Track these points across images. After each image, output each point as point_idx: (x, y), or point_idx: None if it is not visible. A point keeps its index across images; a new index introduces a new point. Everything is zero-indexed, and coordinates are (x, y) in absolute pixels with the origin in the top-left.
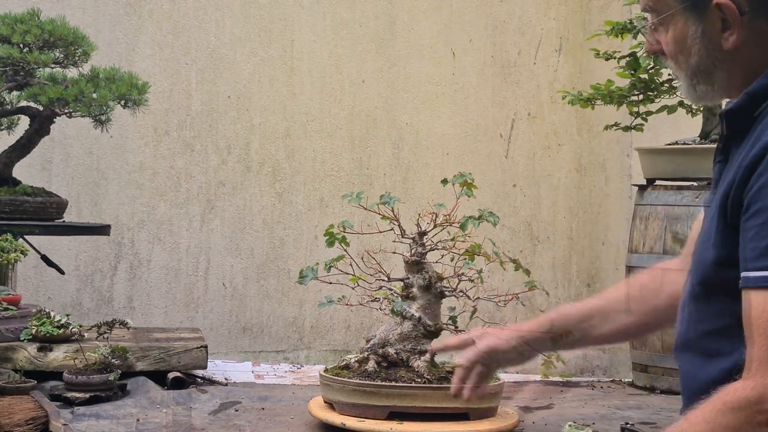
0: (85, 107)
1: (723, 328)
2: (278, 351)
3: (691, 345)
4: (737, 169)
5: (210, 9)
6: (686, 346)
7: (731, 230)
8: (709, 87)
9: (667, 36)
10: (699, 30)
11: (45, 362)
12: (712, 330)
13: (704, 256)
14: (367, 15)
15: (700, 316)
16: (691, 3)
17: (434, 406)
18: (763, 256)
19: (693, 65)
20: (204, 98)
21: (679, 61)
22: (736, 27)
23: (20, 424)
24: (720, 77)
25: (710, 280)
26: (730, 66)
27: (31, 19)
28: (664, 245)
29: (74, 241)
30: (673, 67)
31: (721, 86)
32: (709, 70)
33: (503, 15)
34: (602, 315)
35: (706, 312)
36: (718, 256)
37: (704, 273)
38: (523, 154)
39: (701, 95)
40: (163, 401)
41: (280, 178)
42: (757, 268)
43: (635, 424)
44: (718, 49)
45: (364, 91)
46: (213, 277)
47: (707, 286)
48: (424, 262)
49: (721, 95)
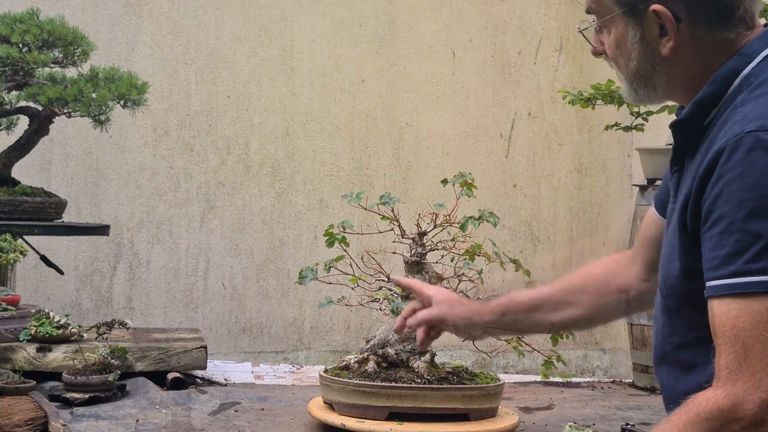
0: (85, 107)
1: (695, 339)
2: (278, 351)
3: (667, 357)
4: (692, 180)
5: (209, 9)
6: (662, 359)
7: (692, 242)
8: (649, 90)
9: (609, 39)
10: (638, 35)
11: (44, 363)
12: (684, 342)
13: (669, 268)
14: (367, 15)
15: (673, 329)
16: (629, 8)
17: (434, 407)
18: (724, 265)
19: (632, 69)
20: (203, 98)
21: (619, 64)
22: (672, 33)
23: (19, 425)
24: (660, 81)
25: (677, 292)
26: (670, 71)
27: (30, 18)
28: None
29: (73, 242)
30: (615, 69)
31: (663, 89)
32: (649, 74)
33: (503, 15)
34: (552, 304)
35: (677, 324)
36: (682, 268)
37: (671, 286)
38: (524, 154)
39: (642, 98)
40: (163, 402)
41: (279, 178)
42: (718, 277)
43: (636, 424)
44: (657, 54)
45: (364, 91)
46: (212, 278)
47: (675, 298)
48: (424, 262)
49: (663, 98)
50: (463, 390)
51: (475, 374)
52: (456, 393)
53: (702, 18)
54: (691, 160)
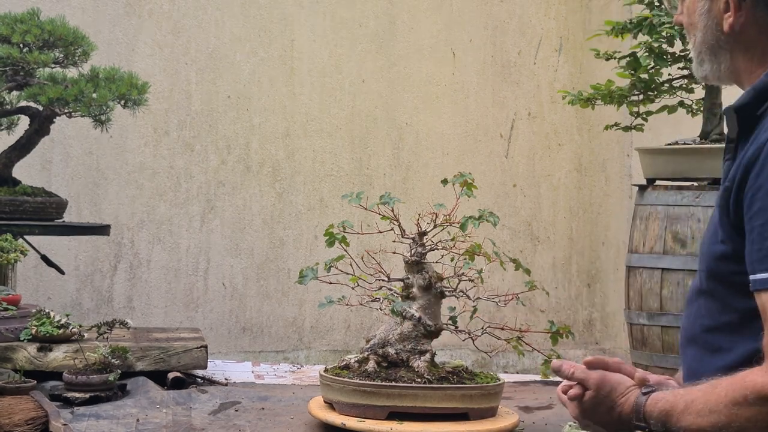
0: (85, 107)
1: (724, 324)
2: (278, 351)
3: (695, 339)
4: (737, 169)
5: (210, 9)
6: (690, 340)
7: (734, 229)
8: (714, 66)
9: (684, 7)
10: (705, 7)
11: (45, 362)
12: (713, 326)
13: (711, 250)
14: (367, 15)
15: (704, 312)
16: None
17: (434, 406)
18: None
19: (698, 41)
20: (204, 98)
21: (690, 34)
22: (733, 9)
23: (20, 424)
24: (724, 58)
25: (715, 274)
26: (733, 49)
27: (30, 19)
28: (664, 245)
29: (74, 241)
30: (689, 41)
31: (726, 68)
32: (713, 49)
33: (503, 15)
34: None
35: (710, 307)
36: (722, 251)
37: (710, 268)
38: (523, 154)
39: (706, 72)
40: (163, 401)
41: (280, 178)
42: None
43: None
44: (720, 29)
45: (364, 91)
46: (213, 277)
47: (713, 281)
48: (424, 262)
49: (726, 78)
50: (463, 389)
51: (475, 374)
52: (456, 392)
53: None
54: (743, 148)
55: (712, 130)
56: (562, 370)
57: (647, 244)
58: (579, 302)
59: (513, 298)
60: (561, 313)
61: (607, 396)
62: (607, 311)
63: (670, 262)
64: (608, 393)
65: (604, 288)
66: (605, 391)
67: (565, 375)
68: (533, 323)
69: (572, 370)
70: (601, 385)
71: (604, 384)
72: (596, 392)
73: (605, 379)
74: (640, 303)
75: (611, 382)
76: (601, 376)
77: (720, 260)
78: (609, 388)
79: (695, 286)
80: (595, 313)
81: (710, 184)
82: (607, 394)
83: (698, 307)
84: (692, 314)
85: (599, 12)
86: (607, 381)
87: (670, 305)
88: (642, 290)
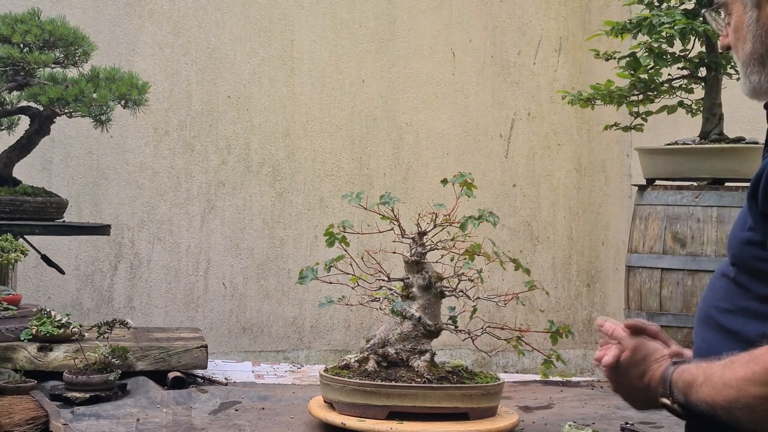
0: (86, 107)
1: (740, 309)
2: (278, 351)
3: (709, 320)
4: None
5: (210, 9)
6: (704, 321)
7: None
8: (763, 77)
9: (731, 27)
10: (754, 16)
11: (45, 362)
12: (730, 309)
13: (739, 235)
14: (367, 15)
15: (723, 294)
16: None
17: (434, 406)
18: None
19: (747, 52)
20: (204, 98)
21: (737, 50)
22: None
23: (20, 424)
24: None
25: (738, 258)
26: None
27: (31, 19)
28: (664, 245)
29: (74, 241)
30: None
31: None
32: (762, 58)
33: (503, 15)
34: None
35: (730, 292)
36: (748, 237)
37: (736, 253)
38: (523, 154)
39: (755, 85)
40: (163, 401)
41: (280, 178)
42: None
43: (635, 423)
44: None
45: (364, 91)
46: (213, 277)
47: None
48: (424, 262)
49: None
50: (463, 389)
51: (474, 373)
52: (456, 392)
53: None
54: None
55: (711, 130)
56: (604, 327)
57: (647, 243)
58: (579, 302)
59: (513, 298)
60: (561, 313)
61: (642, 360)
62: (607, 311)
63: (670, 262)
64: (643, 357)
65: (604, 288)
66: (641, 355)
67: (606, 332)
68: (533, 323)
69: (614, 328)
70: (638, 349)
71: (641, 348)
72: (632, 354)
73: (642, 344)
74: (640, 303)
75: (648, 348)
76: (639, 341)
77: (745, 246)
78: (645, 353)
79: (720, 269)
80: (594, 313)
81: (710, 184)
82: (642, 359)
83: (718, 289)
84: (710, 296)
85: (599, 12)
86: (644, 346)
87: (669, 305)
88: (642, 290)
